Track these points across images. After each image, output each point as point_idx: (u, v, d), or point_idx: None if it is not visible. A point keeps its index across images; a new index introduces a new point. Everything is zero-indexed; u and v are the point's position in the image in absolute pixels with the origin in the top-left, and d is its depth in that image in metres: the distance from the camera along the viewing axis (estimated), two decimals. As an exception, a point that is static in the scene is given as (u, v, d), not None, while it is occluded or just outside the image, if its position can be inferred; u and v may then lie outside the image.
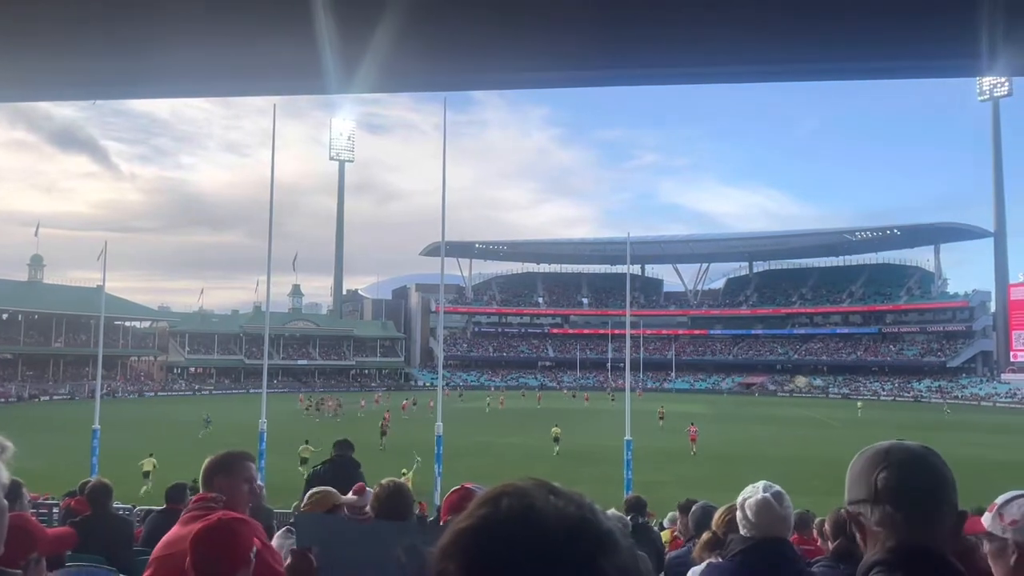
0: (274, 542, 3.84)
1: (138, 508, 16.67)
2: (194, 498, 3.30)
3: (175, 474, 10.44)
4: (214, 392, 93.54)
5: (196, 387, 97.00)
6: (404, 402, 63.62)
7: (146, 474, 27.13)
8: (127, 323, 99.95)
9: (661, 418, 51.76)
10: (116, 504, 9.82)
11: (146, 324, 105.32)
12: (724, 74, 1.64)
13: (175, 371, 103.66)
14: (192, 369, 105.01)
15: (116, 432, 35.12)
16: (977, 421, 60.18)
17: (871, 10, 1.37)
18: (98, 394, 30.81)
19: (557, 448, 38.06)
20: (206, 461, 3.40)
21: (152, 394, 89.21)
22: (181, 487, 8.47)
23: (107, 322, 46.34)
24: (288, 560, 3.16)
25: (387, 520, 3.82)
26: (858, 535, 1.72)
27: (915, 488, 1.66)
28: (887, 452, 1.70)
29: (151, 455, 28.24)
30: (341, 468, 8.19)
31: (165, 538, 3.12)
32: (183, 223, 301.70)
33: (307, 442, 30.93)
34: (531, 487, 0.86)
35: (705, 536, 3.74)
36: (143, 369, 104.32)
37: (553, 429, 39.81)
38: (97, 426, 27.26)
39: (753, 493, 2.98)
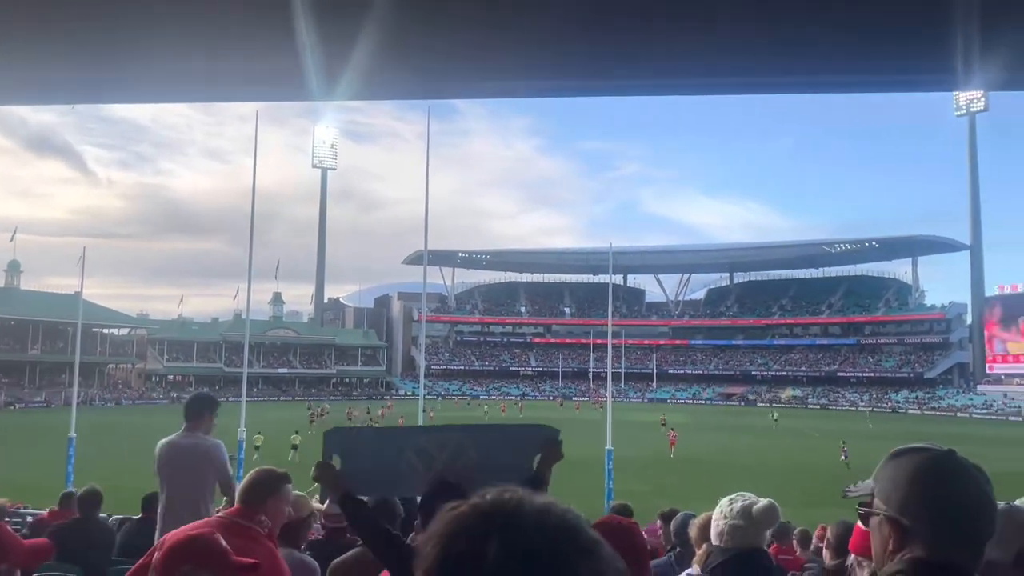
0: None
1: (113, 517, 16.46)
2: (237, 510, 3.21)
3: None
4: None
5: (175, 395, 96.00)
6: (381, 410, 64.46)
7: (256, 447, 33.82)
8: (105, 330, 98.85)
9: (663, 424, 52.38)
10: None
11: (124, 331, 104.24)
12: (704, 86, 1.65)
13: (153, 379, 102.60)
14: (171, 377, 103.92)
15: (92, 440, 34.68)
16: (943, 432, 60.67)
17: (850, 26, 1.39)
18: (74, 402, 30.43)
19: None
20: (254, 476, 3.34)
21: (130, 402, 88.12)
22: (156, 497, 8.38)
23: (85, 329, 45.86)
24: (313, 471, 3.31)
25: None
26: (890, 542, 1.59)
27: (965, 507, 1.56)
28: (942, 461, 1.61)
29: (259, 433, 34.91)
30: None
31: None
32: (163, 230, 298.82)
33: (297, 432, 37.20)
34: (524, 491, 0.90)
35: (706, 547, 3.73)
36: (121, 377, 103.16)
37: None
38: (73, 434, 26.92)
39: (752, 500, 2.98)
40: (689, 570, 3.33)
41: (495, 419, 65.79)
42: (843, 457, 37.51)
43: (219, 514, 3.34)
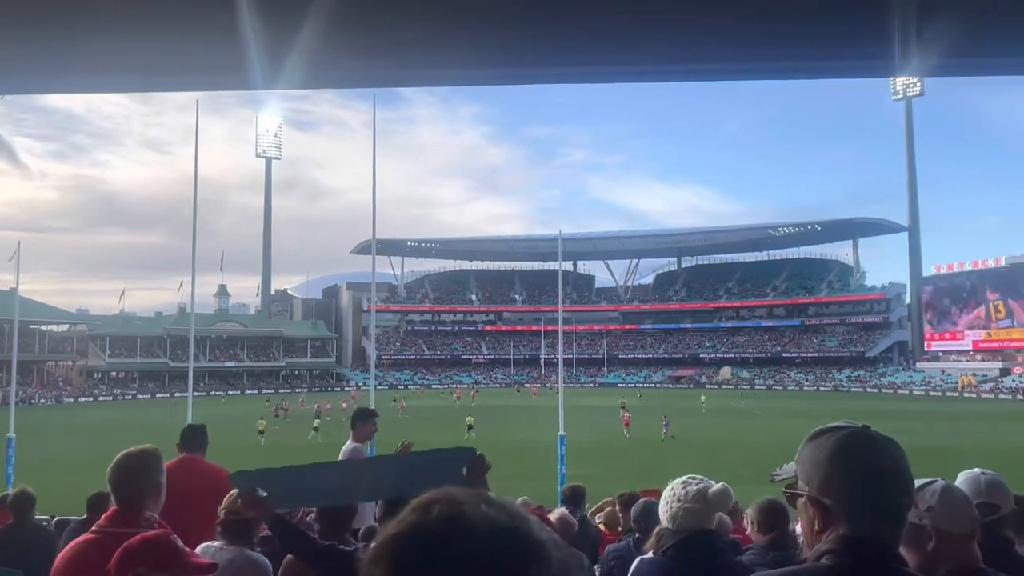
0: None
1: (57, 518, 16.03)
2: (113, 516, 2.87)
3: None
4: (138, 396, 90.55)
5: (118, 391, 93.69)
6: (344, 402, 63.72)
7: (260, 432, 38.08)
8: (43, 327, 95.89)
9: (623, 407, 53.01)
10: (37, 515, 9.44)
11: (64, 327, 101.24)
12: (648, 73, 1.65)
13: (95, 375, 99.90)
14: (114, 373, 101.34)
15: (32, 440, 33.65)
16: (885, 408, 62.60)
17: (789, 13, 1.42)
18: (12, 401, 29.47)
19: (469, 435, 41.11)
20: (121, 465, 2.91)
21: (71, 400, 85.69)
22: (106, 496, 8.19)
23: (21, 326, 44.32)
24: (239, 501, 3.20)
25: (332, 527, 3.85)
26: (816, 522, 1.62)
27: (882, 480, 1.58)
28: (857, 438, 1.62)
29: (262, 418, 40.90)
30: None
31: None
32: (101, 223, 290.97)
33: (262, 417, 41.22)
34: (464, 495, 0.85)
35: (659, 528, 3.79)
36: (61, 374, 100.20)
37: (467, 418, 43.76)
38: (12, 435, 26.08)
39: (706, 484, 3.05)
40: (644, 556, 3.38)
41: (451, 404, 66.38)
42: (664, 431, 40.56)
43: (92, 528, 2.88)
